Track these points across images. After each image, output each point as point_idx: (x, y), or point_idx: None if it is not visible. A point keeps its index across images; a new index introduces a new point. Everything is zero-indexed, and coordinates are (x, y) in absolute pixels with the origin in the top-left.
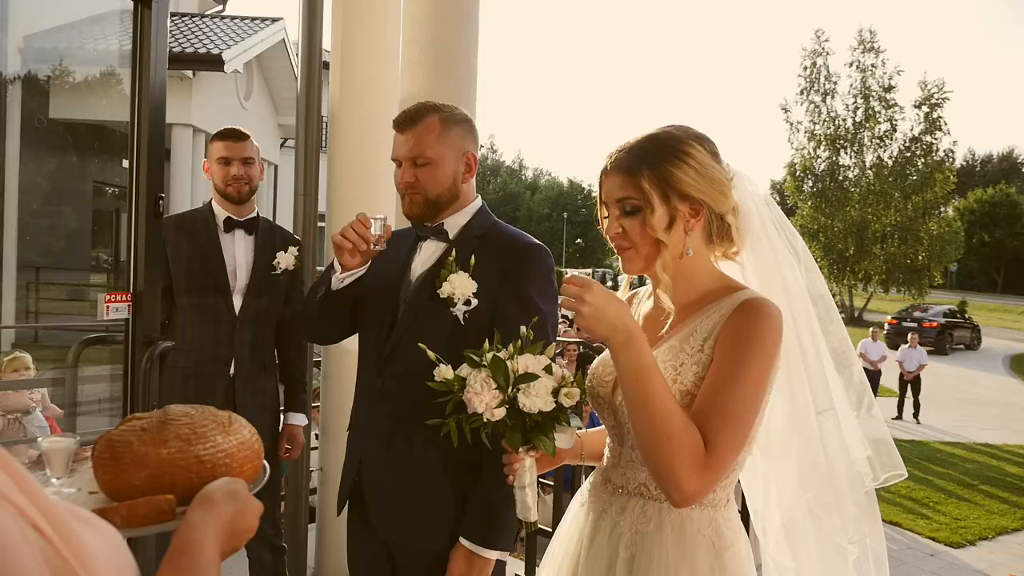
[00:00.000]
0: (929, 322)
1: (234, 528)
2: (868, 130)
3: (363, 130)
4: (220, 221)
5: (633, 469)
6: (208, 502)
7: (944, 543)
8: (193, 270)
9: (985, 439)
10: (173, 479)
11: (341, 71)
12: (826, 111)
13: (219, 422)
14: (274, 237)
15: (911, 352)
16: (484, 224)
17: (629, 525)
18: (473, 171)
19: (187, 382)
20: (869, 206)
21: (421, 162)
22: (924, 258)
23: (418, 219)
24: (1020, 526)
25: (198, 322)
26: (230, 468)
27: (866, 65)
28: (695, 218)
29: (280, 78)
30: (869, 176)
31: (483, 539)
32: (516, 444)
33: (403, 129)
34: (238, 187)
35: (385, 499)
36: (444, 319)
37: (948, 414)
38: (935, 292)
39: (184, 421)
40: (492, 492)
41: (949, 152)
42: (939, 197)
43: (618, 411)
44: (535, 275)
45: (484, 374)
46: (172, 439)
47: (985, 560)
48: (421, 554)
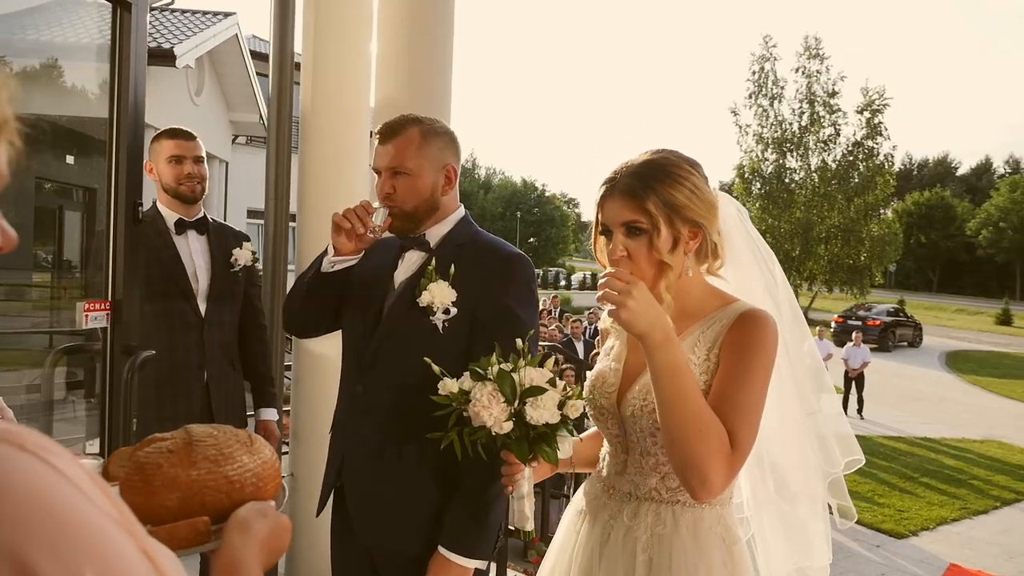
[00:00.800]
0: (873, 320)
1: (270, 547)
2: (813, 134)
3: (335, 132)
4: (171, 224)
5: (642, 475)
6: (245, 524)
7: (888, 534)
8: (153, 276)
9: (924, 433)
10: (204, 500)
11: (313, 72)
12: (773, 115)
13: (242, 441)
14: (226, 235)
15: (855, 350)
16: (465, 234)
17: (644, 529)
18: (453, 183)
19: (162, 390)
20: (814, 208)
21: (401, 172)
22: (865, 258)
23: (397, 231)
24: (958, 516)
25: (164, 328)
26: (257, 487)
27: (811, 71)
28: (694, 240)
29: (232, 74)
30: (814, 179)
31: (461, 547)
32: (524, 456)
33: (384, 140)
34: (192, 186)
35: (366, 505)
36: (423, 328)
37: (890, 409)
38: (875, 291)
39: (210, 442)
40: (471, 500)
41: (889, 156)
42: (879, 200)
43: (625, 421)
44: (515, 284)
45: (491, 387)
46: (201, 460)
47: (927, 550)
48: (402, 560)
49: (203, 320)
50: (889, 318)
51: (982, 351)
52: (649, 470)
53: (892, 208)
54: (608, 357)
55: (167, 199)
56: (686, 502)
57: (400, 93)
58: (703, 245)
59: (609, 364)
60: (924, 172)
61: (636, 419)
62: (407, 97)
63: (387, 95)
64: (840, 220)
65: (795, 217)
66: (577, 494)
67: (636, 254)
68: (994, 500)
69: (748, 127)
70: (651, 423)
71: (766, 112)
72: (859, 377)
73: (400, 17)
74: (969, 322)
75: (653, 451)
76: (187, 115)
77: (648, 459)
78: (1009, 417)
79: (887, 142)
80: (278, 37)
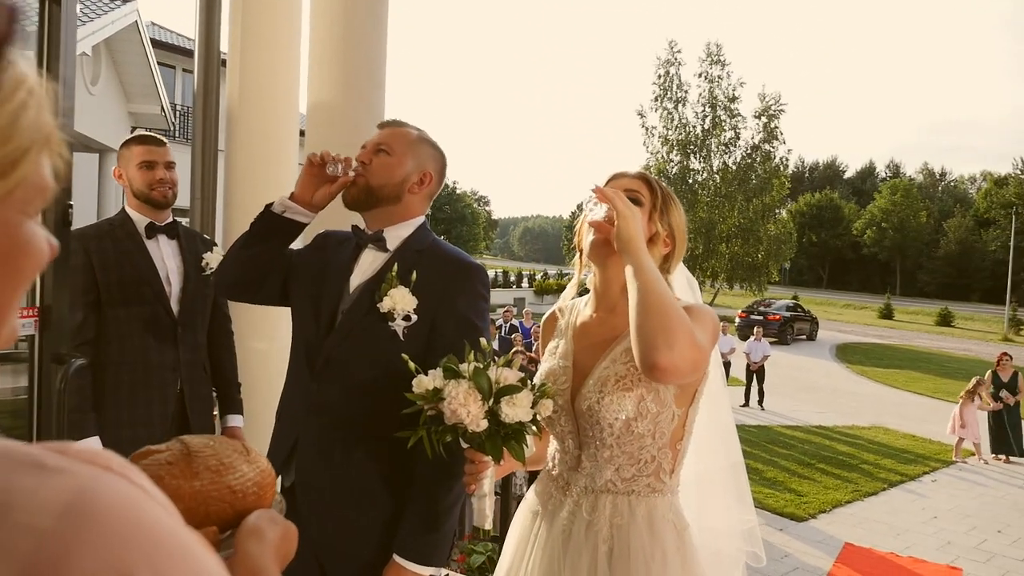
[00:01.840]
0: (773, 315)
1: (282, 552)
2: (715, 137)
3: (265, 132)
4: (141, 228)
5: (598, 468)
6: (259, 531)
7: (790, 517)
8: (126, 280)
9: (819, 422)
10: (208, 511)
11: (240, 70)
12: (678, 118)
13: (239, 451)
14: (195, 239)
15: (756, 344)
16: (424, 240)
17: (604, 521)
18: (423, 188)
19: (136, 394)
20: (716, 208)
21: (383, 150)
22: (763, 256)
23: (353, 202)
24: (851, 498)
25: (138, 332)
26: (258, 496)
27: (713, 76)
28: (666, 247)
29: (131, 63)
30: (716, 180)
31: (417, 555)
32: (498, 454)
33: (383, 127)
34: (164, 191)
35: (318, 507)
36: (382, 333)
37: (788, 400)
38: (771, 288)
39: (209, 452)
40: (427, 507)
41: (784, 159)
42: (775, 201)
43: (581, 416)
44: (473, 295)
45: (467, 385)
46: (203, 471)
47: (824, 531)
48: (353, 565)
49: (177, 323)
50: (788, 313)
51: (868, 343)
52: (604, 463)
53: (786, 209)
54: (555, 356)
55: (137, 204)
56: (640, 492)
57: (333, 93)
58: (670, 255)
59: (558, 362)
60: (815, 175)
61: (593, 412)
62: (340, 97)
63: (319, 95)
64: (740, 220)
65: (699, 217)
66: (529, 495)
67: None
68: (882, 482)
69: (654, 129)
70: (609, 414)
71: (671, 115)
72: (760, 370)
73: (332, 14)
74: (856, 316)
75: (609, 443)
76: (82, 105)
77: (603, 451)
78: (892, 404)
79: (782, 146)
80: (203, 32)
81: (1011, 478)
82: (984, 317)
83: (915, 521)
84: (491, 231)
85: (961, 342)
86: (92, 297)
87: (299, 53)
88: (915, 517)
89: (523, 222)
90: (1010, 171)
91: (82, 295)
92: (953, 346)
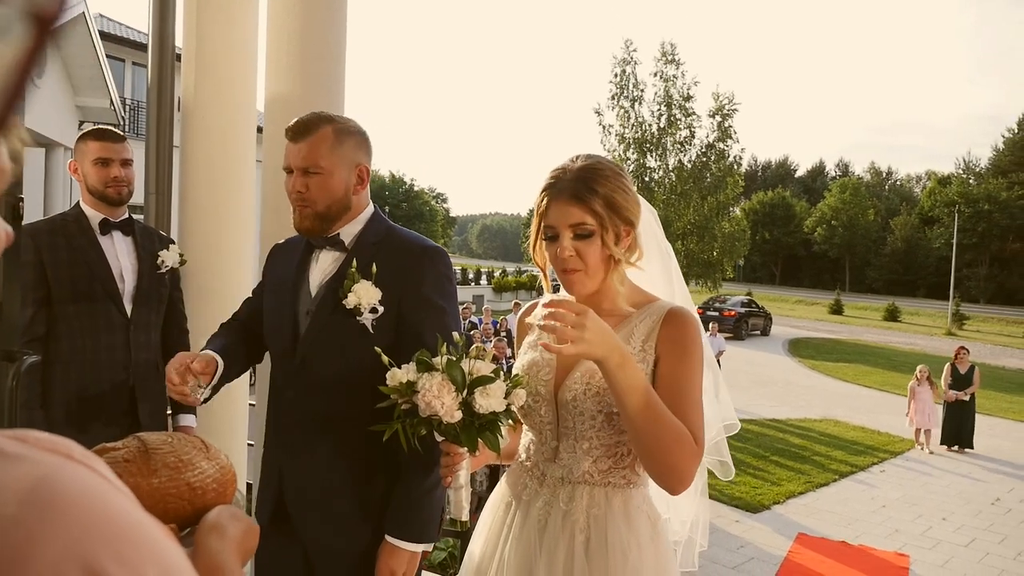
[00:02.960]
0: (729, 311)
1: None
2: (670, 136)
3: (221, 127)
4: (95, 224)
5: (575, 460)
6: (219, 527)
7: (745, 509)
8: (78, 276)
9: (772, 415)
10: (166, 508)
11: (196, 63)
12: (634, 116)
13: (197, 447)
14: (151, 236)
15: (712, 339)
16: (379, 230)
17: (581, 511)
18: (365, 183)
19: (85, 393)
20: (672, 206)
21: (313, 171)
22: (718, 254)
23: (308, 232)
24: (804, 489)
25: (88, 330)
26: (218, 492)
27: (668, 75)
28: (627, 237)
29: (79, 55)
30: (672, 178)
31: (409, 534)
32: (473, 444)
33: (296, 139)
34: (119, 189)
35: (308, 506)
36: (351, 329)
37: (743, 394)
38: (726, 284)
39: (167, 449)
40: (414, 488)
41: (738, 158)
42: (730, 199)
43: (564, 406)
44: (434, 276)
45: (440, 377)
46: (161, 468)
47: (778, 521)
48: (344, 557)
49: (129, 321)
50: (743, 309)
51: (819, 338)
52: (582, 454)
53: (740, 207)
54: (536, 349)
55: (92, 200)
56: (616, 483)
57: (291, 87)
58: (634, 243)
59: (541, 354)
60: (767, 173)
61: (577, 403)
62: (299, 91)
63: (277, 88)
64: (695, 217)
65: None
66: (499, 488)
67: (586, 254)
68: (833, 473)
69: (611, 127)
70: (593, 405)
71: (627, 113)
72: None
73: (290, 6)
74: (807, 312)
75: (589, 435)
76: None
77: (582, 443)
78: (842, 397)
79: (736, 145)
80: (157, 24)
81: (956, 467)
82: (929, 312)
83: (865, 510)
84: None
85: (907, 336)
86: (42, 293)
87: (256, 45)
88: (865, 506)
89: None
90: (953, 171)
91: (32, 291)
92: (900, 340)
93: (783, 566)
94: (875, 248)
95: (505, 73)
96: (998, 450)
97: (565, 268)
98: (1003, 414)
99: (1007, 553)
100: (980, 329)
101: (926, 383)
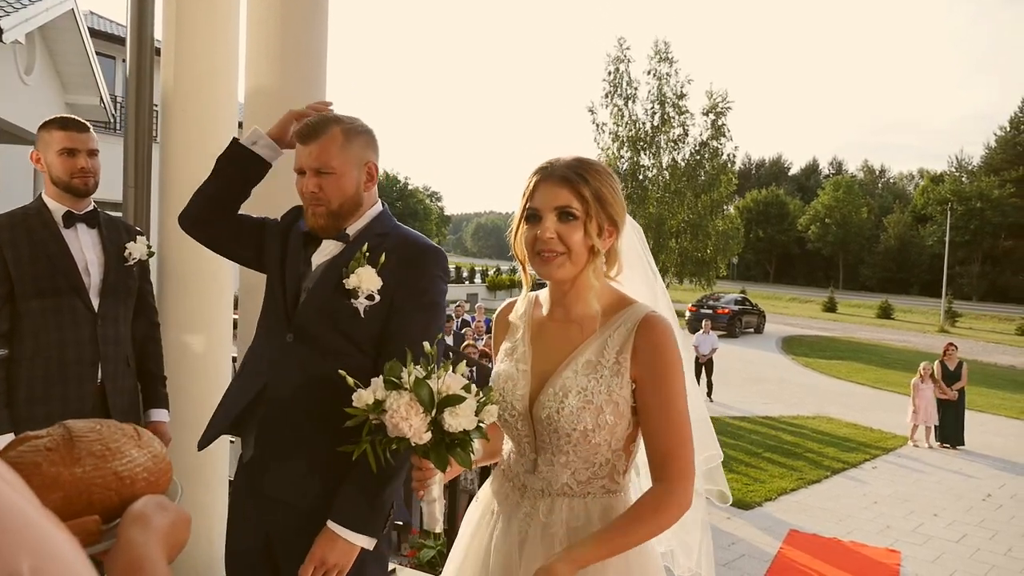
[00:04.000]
0: (723, 309)
1: (172, 541)
2: (664, 134)
3: (201, 120)
4: (58, 217)
5: (554, 473)
6: (143, 518)
7: (737, 505)
8: (41, 271)
9: (765, 412)
10: (91, 498)
11: (175, 57)
12: (628, 115)
13: (128, 435)
14: (118, 228)
15: (705, 337)
16: (385, 226)
17: (561, 524)
18: (374, 180)
19: (51, 390)
20: (665, 204)
21: (325, 171)
22: (712, 252)
23: (322, 230)
24: (796, 486)
25: (53, 326)
26: (149, 482)
27: (662, 73)
28: (610, 237)
29: (68, 53)
30: (665, 176)
31: (350, 522)
32: (443, 463)
33: (307, 141)
34: (85, 180)
35: (270, 449)
36: (344, 310)
37: (736, 391)
38: (720, 282)
39: (94, 437)
40: (365, 474)
41: (731, 156)
42: (723, 197)
43: (538, 422)
44: (431, 277)
45: (408, 397)
46: (85, 456)
47: (770, 518)
48: (295, 517)
49: (96, 315)
50: (737, 307)
51: (812, 336)
52: (560, 468)
53: (734, 205)
54: (512, 359)
55: (56, 192)
56: (596, 493)
57: (271, 80)
58: (613, 246)
59: (516, 367)
60: (761, 172)
61: (552, 421)
62: (279, 83)
63: (257, 81)
64: (689, 216)
65: (649, 213)
66: (484, 492)
67: (568, 238)
68: (825, 470)
69: (605, 126)
70: (568, 424)
71: (621, 112)
72: (708, 362)
73: None
74: (801, 309)
75: (566, 449)
76: (15, 96)
77: (559, 457)
78: (835, 395)
79: (729, 143)
80: (136, 16)
81: (947, 464)
82: (922, 309)
83: (856, 507)
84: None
85: (901, 334)
86: (5, 290)
87: (237, 38)
88: (856, 503)
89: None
90: (945, 169)
91: None
92: (893, 337)
93: (774, 563)
94: (868, 246)
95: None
96: (989, 446)
97: (543, 250)
98: (994, 410)
99: (998, 549)
100: (972, 326)
101: (929, 380)
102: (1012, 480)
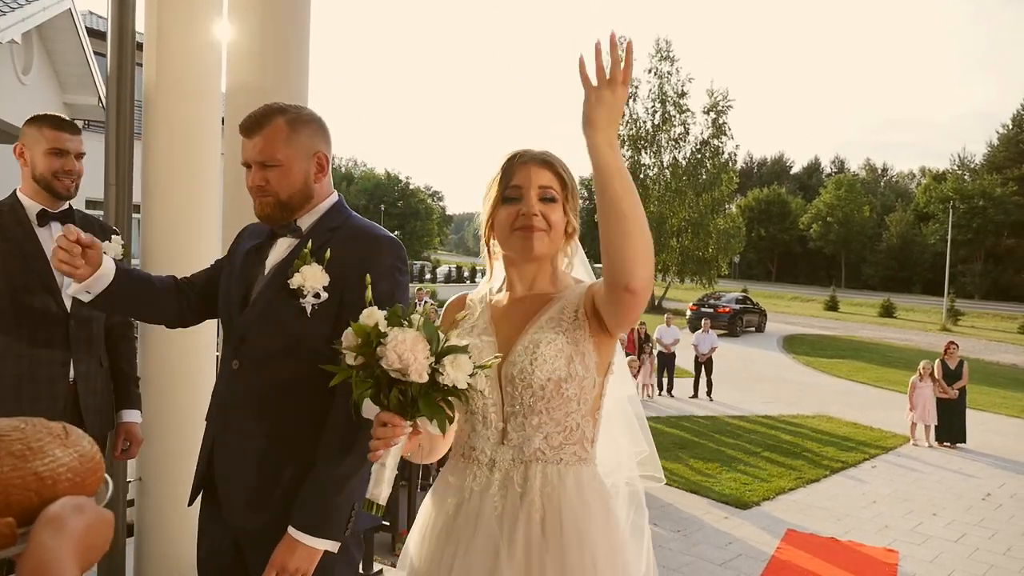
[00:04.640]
0: (724, 308)
1: (88, 544)
2: (665, 132)
3: (183, 116)
4: (32, 215)
5: (526, 437)
6: (56, 521)
7: (735, 505)
8: (13, 269)
9: (765, 411)
10: (8, 499)
11: (157, 52)
12: (629, 113)
13: (54, 434)
14: (93, 227)
15: (704, 336)
16: (337, 219)
17: (536, 491)
18: (325, 170)
19: (21, 390)
20: (666, 203)
21: (270, 164)
22: (713, 250)
23: (269, 219)
24: (795, 485)
25: (25, 325)
26: (74, 483)
27: (662, 72)
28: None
29: (66, 52)
30: (666, 175)
31: (310, 528)
32: (433, 412)
33: (250, 133)
34: (69, 183)
35: (232, 483)
36: (290, 310)
37: (736, 390)
38: (721, 281)
39: (15, 436)
40: (323, 478)
41: (732, 155)
42: (725, 195)
43: (508, 382)
44: (385, 265)
45: (415, 333)
46: (4, 456)
47: (768, 518)
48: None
49: (69, 316)
50: (738, 306)
51: (813, 334)
52: (532, 430)
53: (735, 204)
54: (473, 334)
55: (33, 189)
56: (568, 460)
57: (253, 76)
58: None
59: (479, 339)
60: (763, 170)
61: (524, 375)
62: (260, 80)
63: (239, 78)
64: (690, 214)
65: (649, 211)
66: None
67: (551, 217)
68: (824, 469)
69: None
70: (542, 373)
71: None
72: (708, 361)
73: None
74: (802, 308)
75: (538, 408)
76: (13, 96)
77: (532, 418)
78: (836, 394)
79: (731, 141)
80: (117, 10)
81: (947, 463)
82: (924, 308)
83: (855, 506)
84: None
85: (903, 332)
86: None
87: (220, 31)
88: (855, 502)
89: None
90: (947, 167)
91: None
92: (895, 336)
93: (771, 562)
94: (870, 245)
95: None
96: (989, 445)
97: (527, 225)
98: (995, 409)
99: (997, 548)
100: (975, 325)
101: (928, 378)
102: (1012, 479)
